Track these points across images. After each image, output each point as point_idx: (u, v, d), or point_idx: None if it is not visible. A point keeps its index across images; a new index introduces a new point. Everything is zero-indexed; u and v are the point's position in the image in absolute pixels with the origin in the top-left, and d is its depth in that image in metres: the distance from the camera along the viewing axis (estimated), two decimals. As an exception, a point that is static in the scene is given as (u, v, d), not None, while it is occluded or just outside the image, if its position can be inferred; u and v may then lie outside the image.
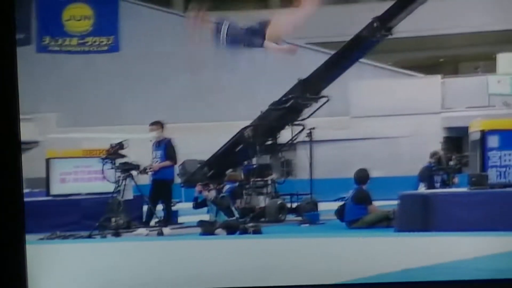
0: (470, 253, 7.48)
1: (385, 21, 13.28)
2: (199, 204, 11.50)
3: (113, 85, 27.22)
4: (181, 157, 13.67)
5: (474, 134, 11.06)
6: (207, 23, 9.44)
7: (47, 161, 13.77)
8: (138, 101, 26.72)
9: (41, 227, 12.31)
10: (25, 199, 16.06)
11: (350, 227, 11.76)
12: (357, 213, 11.84)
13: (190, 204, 12.50)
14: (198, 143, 24.52)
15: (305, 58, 25.23)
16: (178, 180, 14.08)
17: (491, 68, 26.81)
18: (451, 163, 14.45)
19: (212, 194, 11.20)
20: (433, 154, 14.64)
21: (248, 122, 14.74)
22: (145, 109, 26.02)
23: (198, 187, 11.41)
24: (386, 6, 14.03)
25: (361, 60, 16.49)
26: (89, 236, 11.25)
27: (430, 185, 13.94)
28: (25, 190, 20.76)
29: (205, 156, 15.58)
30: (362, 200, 11.86)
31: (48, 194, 13.67)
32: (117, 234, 11.45)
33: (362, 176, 12.08)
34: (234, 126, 17.09)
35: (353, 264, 6.85)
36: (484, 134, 10.71)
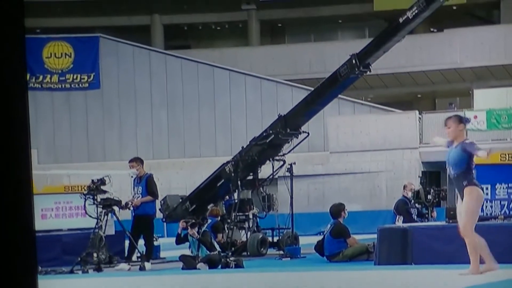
0: (449, 286, 7.56)
1: (363, 58, 13.48)
2: (181, 239, 11.52)
3: (93, 122, 27.24)
4: (162, 193, 13.73)
5: (451, 168, 11.18)
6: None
7: (28, 197, 13.71)
8: (119, 137, 26.76)
9: (22, 262, 12.25)
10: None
11: (331, 261, 11.80)
12: (337, 246, 11.88)
13: (172, 239, 12.51)
14: (179, 178, 24.58)
15: (284, 94, 25.51)
16: (159, 215, 14.09)
17: (467, 103, 27.18)
18: (429, 197, 14.60)
19: (194, 229, 11.22)
20: (406, 186, 14.80)
21: (228, 158, 14.83)
22: (125, 145, 26.07)
23: (181, 224, 11.44)
24: (364, 44, 14.29)
25: (340, 95, 16.68)
26: (71, 272, 11.20)
27: (407, 218, 14.06)
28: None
29: (187, 191, 15.63)
30: (340, 234, 11.92)
31: (29, 230, 13.60)
32: (99, 269, 11.40)
33: (337, 211, 12.15)
34: (215, 162, 17.19)
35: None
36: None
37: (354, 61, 13.43)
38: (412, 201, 14.57)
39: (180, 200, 14.64)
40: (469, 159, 7.78)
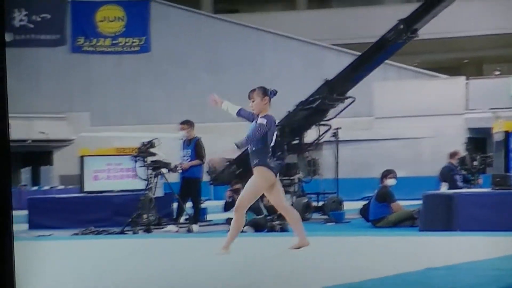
0: (492, 253, 7.45)
1: (411, 23, 13.23)
2: (229, 205, 11.56)
3: (144, 85, 27.38)
4: (209, 156, 13.74)
5: (498, 135, 11.00)
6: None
7: (81, 159, 13.90)
8: (168, 101, 26.87)
9: (75, 222, 12.47)
10: (60, 196, 16.29)
11: (375, 226, 11.75)
12: (381, 211, 11.81)
13: (218, 202, 12.58)
14: (226, 142, 24.65)
15: (330, 59, 25.26)
16: (206, 178, 14.16)
17: (514, 69, 26.59)
18: (475, 163, 14.37)
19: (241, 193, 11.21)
20: (452, 155, 14.56)
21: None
22: (175, 108, 26.17)
23: (227, 193, 11.47)
24: (411, 8, 14.00)
25: (385, 61, 16.45)
26: (122, 232, 11.36)
27: (452, 185, 13.88)
28: (59, 187, 21.17)
29: (233, 154, 15.63)
30: (385, 197, 11.84)
31: (81, 191, 13.82)
32: (148, 230, 11.54)
33: (382, 176, 12.05)
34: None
35: (377, 263, 6.85)
36: (508, 135, 10.65)
37: (401, 27, 13.20)
38: (458, 167, 14.36)
39: (227, 163, 14.67)
40: (267, 136, 7.35)
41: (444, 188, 13.62)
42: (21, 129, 24.63)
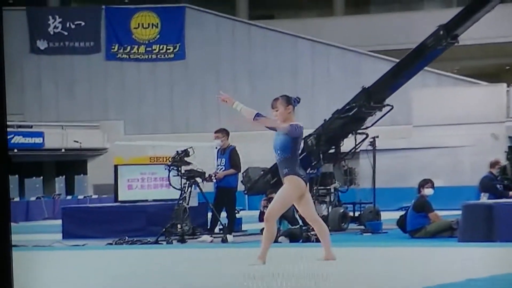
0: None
1: (451, 29, 13.14)
2: (264, 214, 11.57)
3: (178, 93, 27.57)
4: (244, 165, 13.81)
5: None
6: None
7: (115, 168, 14.05)
8: (203, 109, 27.00)
9: (109, 232, 12.59)
10: (94, 205, 16.46)
11: (413, 237, 11.68)
12: (419, 222, 11.74)
13: (253, 212, 12.61)
14: (261, 151, 24.71)
15: (368, 65, 25.19)
16: (241, 187, 14.21)
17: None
18: (516, 173, 14.22)
19: (275, 203, 11.25)
20: (494, 164, 14.41)
21: (310, 130, 14.78)
22: (209, 117, 26.30)
23: (263, 202, 11.50)
24: (451, 13, 13.92)
25: (424, 68, 16.37)
26: (156, 242, 11.45)
27: (494, 194, 13.74)
28: (93, 196, 21.35)
29: (268, 164, 15.68)
30: (422, 207, 11.77)
31: (115, 200, 13.96)
32: (182, 240, 11.61)
33: (420, 185, 11.99)
34: (297, 134, 17.16)
35: (415, 274, 6.84)
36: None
37: (441, 32, 13.11)
38: (499, 177, 14.22)
39: (262, 172, 14.70)
40: (294, 144, 7.29)
41: (484, 198, 13.50)
42: (55, 138, 24.98)
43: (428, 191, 11.89)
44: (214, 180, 12.63)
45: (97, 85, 27.37)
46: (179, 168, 12.08)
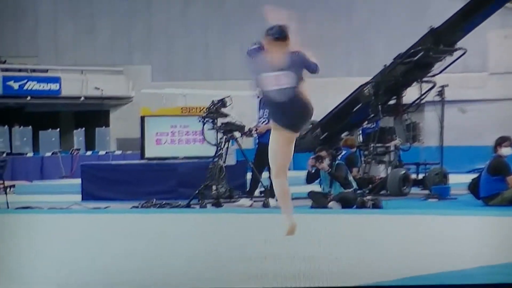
0: None
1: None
2: (312, 176, 11.55)
3: (214, 35, 27.48)
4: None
5: None
6: None
7: (141, 119, 14.12)
8: (242, 53, 26.87)
9: (134, 194, 12.71)
10: (117, 163, 16.61)
11: (487, 204, 11.60)
12: (495, 187, 11.63)
13: (299, 173, 12.60)
14: (313, 100, 24.64)
15: (436, 3, 24.79)
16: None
17: None
18: None
19: (326, 163, 11.23)
20: None
21: (367, 78, 14.66)
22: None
23: (310, 161, 11.45)
24: None
25: (506, 5, 16.07)
26: (187, 206, 11.53)
27: None
28: (117, 152, 21.56)
29: (317, 116, 15.62)
30: (499, 170, 11.63)
31: (142, 157, 14.05)
32: (218, 204, 11.67)
33: (496, 143, 11.84)
34: (350, 82, 17.04)
35: (489, 247, 6.78)
36: None
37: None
38: None
39: (310, 126, 14.68)
40: None
41: None
42: (73, 84, 25.16)
43: (506, 151, 11.74)
44: (255, 135, 12.63)
45: (121, 24, 27.41)
46: (215, 121, 12.09)
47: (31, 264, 6.37)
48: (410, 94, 14.51)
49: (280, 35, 6.45)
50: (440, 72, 14.13)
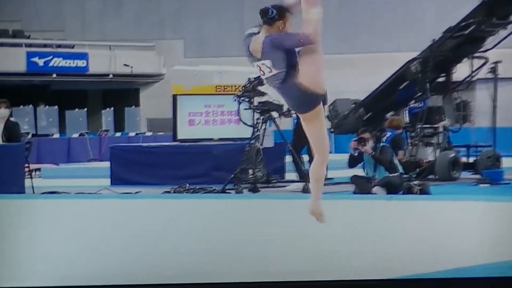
0: None
1: None
2: (355, 160, 11.51)
3: (249, 8, 27.41)
4: (331, 96, 13.72)
5: None
6: None
7: (174, 98, 14.16)
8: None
9: (166, 178, 12.77)
10: (148, 145, 16.68)
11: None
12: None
13: (341, 156, 12.58)
14: (352, 78, 24.55)
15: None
16: (327, 124, 14.16)
17: None
18: None
19: (369, 146, 11.19)
20: None
21: (414, 54, 14.58)
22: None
23: (353, 144, 11.41)
24: None
25: None
26: (222, 191, 11.56)
27: None
28: (147, 134, 21.69)
29: (360, 95, 15.58)
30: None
31: (174, 139, 14.11)
32: (254, 189, 11.69)
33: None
34: (396, 58, 16.94)
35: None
36: None
37: None
38: None
39: (353, 105, 14.65)
40: None
41: None
42: (101, 60, 25.29)
43: None
44: (294, 115, 12.61)
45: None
46: (252, 100, 12.10)
47: (59, 252, 6.45)
48: (461, 71, 14.42)
49: (266, 18, 5.87)
50: (493, 47, 14.03)
